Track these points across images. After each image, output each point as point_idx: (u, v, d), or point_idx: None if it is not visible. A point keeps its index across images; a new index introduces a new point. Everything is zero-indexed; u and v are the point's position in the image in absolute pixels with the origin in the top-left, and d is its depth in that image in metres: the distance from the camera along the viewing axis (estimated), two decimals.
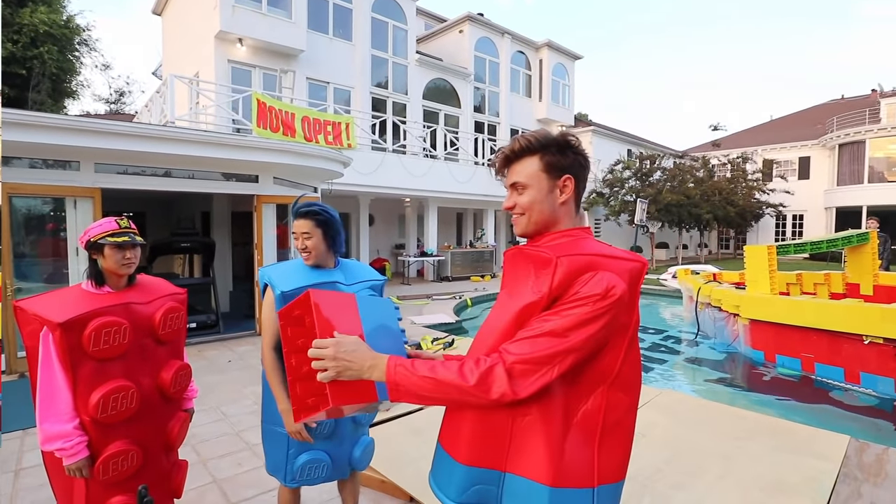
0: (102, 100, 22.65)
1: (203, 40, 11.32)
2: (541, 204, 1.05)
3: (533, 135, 1.06)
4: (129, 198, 12.26)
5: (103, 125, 5.02)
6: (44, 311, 1.50)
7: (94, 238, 1.59)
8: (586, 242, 1.03)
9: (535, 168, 1.04)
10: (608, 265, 0.95)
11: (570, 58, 19.54)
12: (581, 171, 1.06)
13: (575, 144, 1.05)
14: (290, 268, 1.81)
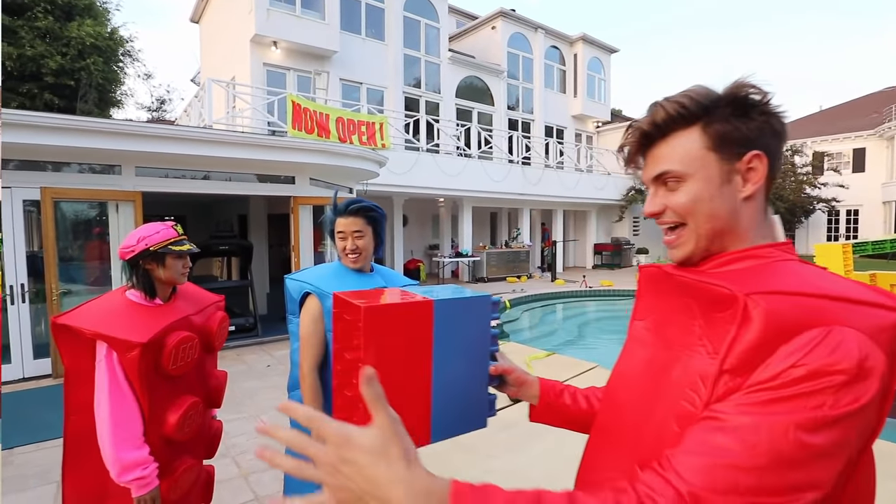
0: (145, 108, 23.39)
1: (239, 45, 11.45)
2: (711, 202, 0.64)
3: (686, 94, 0.65)
4: (169, 202, 12.58)
5: (143, 128, 5.03)
6: (109, 329, 1.36)
7: (155, 247, 1.46)
8: (792, 269, 0.60)
9: (695, 145, 0.65)
10: (845, 315, 0.51)
11: (605, 51, 18.96)
12: (777, 144, 0.65)
13: (763, 99, 0.63)
14: (328, 272, 1.60)
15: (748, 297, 0.54)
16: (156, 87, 28.60)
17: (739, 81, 0.64)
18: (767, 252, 0.64)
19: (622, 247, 17.34)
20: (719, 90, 0.65)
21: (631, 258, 17.78)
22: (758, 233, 0.66)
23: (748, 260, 0.64)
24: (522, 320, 9.08)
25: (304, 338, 1.53)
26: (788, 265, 0.62)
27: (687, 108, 0.65)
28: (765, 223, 0.66)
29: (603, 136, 19.66)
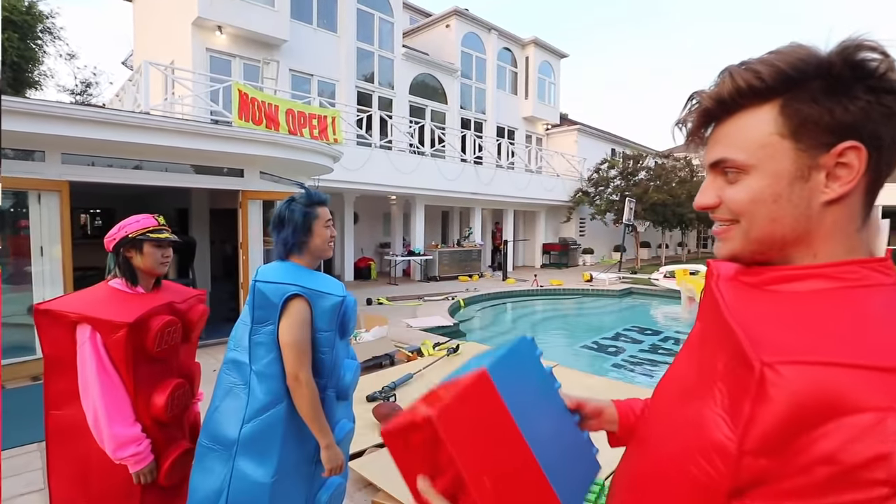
0: (67, 90, 21.48)
1: (179, 27, 10.72)
2: (775, 203, 0.51)
3: (769, 59, 0.51)
4: (97, 194, 11.59)
5: (73, 111, 4.54)
6: (94, 311, 1.42)
7: (133, 234, 1.52)
8: (867, 310, 0.46)
9: (766, 130, 0.51)
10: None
11: (556, 56, 19.44)
12: (889, 131, 0.48)
13: (872, 66, 0.47)
14: (293, 270, 1.48)
15: (767, 367, 0.42)
16: (80, 68, 26.49)
17: (850, 41, 0.48)
18: (850, 272, 0.49)
19: (569, 247, 17.85)
20: (821, 53, 0.49)
21: (577, 258, 18.35)
22: (842, 245, 0.51)
23: (820, 280, 0.50)
24: (476, 319, 9.11)
25: (296, 344, 1.37)
26: (869, 298, 0.47)
27: (763, 79, 0.50)
28: (857, 234, 0.51)
29: (552, 138, 20.16)
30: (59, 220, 4.85)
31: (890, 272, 0.49)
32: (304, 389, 1.37)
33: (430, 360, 4.95)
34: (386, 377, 4.32)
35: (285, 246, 1.49)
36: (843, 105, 0.48)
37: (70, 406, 1.43)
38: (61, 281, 4.88)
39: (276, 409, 1.40)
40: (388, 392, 3.91)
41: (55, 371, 1.47)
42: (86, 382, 1.39)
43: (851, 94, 0.48)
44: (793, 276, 0.51)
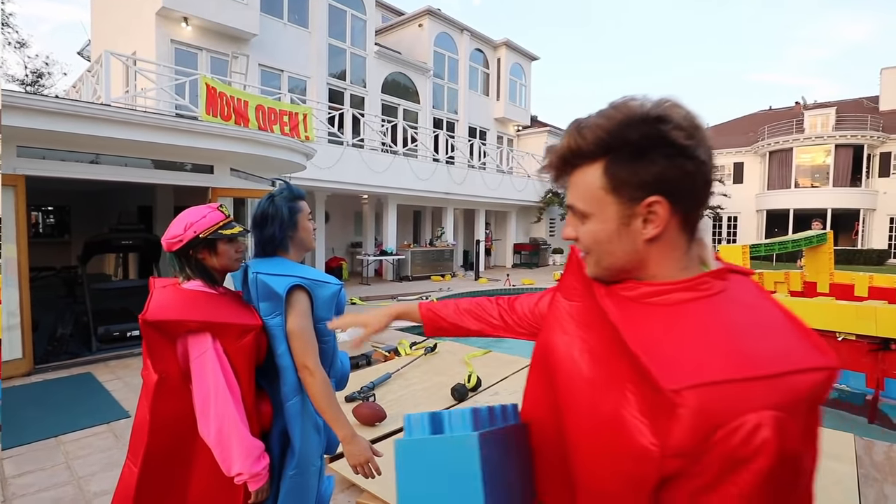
0: (17, 80, 20.34)
1: (141, 17, 10.30)
2: (610, 243, 0.64)
3: (596, 125, 0.61)
4: (50, 190, 11.00)
5: (31, 101, 4.29)
6: (215, 316, 1.28)
7: (205, 233, 1.36)
8: (727, 320, 0.58)
9: (596, 185, 0.63)
10: (767, 395, 0.51)
11: (527, 58, 19.68)
12: (687, 182, 0.60)
13: (672, 136, 0.58)
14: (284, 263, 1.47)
15: (674, 393, 0.53)
16: (31, 57, 25.08)
17: (652, 114, 0.59)
18: (702, 283, 0.61)
19: (540, 247, 18.10)
20: (638, 112, 0.59)
21: (548, 258, 18.63)
22: (673, 266, 0.63)
23: (683, 293, 0.61)
24: None
25: (302, 333, 1.37)
26: (723, 305, 0.59)
27: (585, 149, 0.63)
28: (685, 256, 0.64)
29: (523, 139, 20.40)
30: (15, 216, 4.58)
31: (725, 277, 0.62)
32: (314, 377, 1.37)
33: (408, 359, 4.92)
34: (364, 377, 4.26)
35: (272, 242, 1.47)
36: (645, 168, 0.59)
37: (172, 430, 1.27)
38: (16, 282, 4.60)
39: (294, 400, 1.40)
40: (367, 392, 3.86)
41: (166, 392, 1.26)
42: (207, 396, 1.23)
43: (651, 160, 0.59)
44: (661, 291, 0.62)
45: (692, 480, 0.53)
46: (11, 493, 2.64)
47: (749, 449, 0.49)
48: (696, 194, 0.61)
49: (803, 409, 0.52)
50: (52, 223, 15.14)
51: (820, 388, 0.53)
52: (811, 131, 23.97)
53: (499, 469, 0.64)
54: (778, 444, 0.49)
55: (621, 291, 0.65)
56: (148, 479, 1.26)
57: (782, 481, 0.51)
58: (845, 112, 24.51)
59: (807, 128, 24.52)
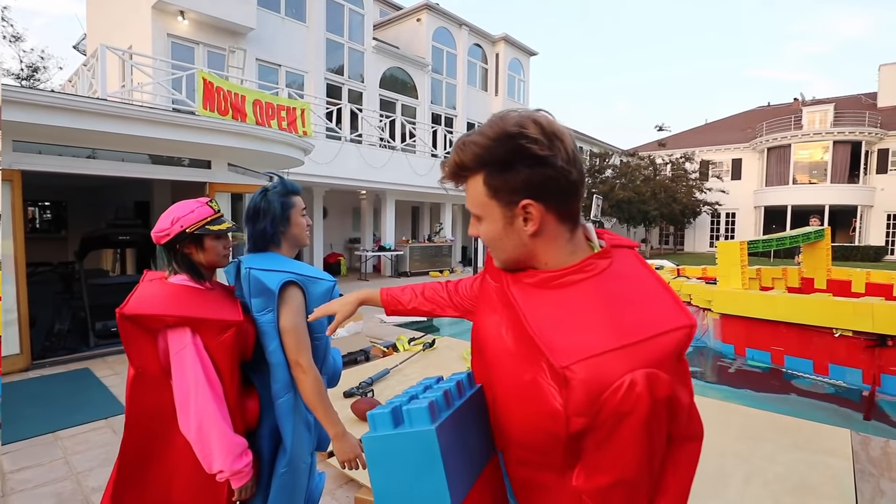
0: (12, 75, 20.19)
1: (138, 11, 10.22)
2: (501, 240, 0.76)
3: (473, 142, 0.71)
4: (46, 185, 10.93)
5: (27, 95, 4.26)
6: (196, 311, 1.26)
7: (192, 228, 1.34)
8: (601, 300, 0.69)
9: (481, 192, 0.73)
10: (639, 356, 0.63)
11: (525, 53, 19.61)
12: (552, 185, 0.70)
13: (530, 150, 0.68)
14: (276, 259, 1.46)
15: (565, 368, 0.65)
16: (27, 51, 24.91)
17: (511, 131, 0.69)
18: (589, 265, 0.73)
19: None
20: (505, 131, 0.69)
21: None
22: (563, 252, 0.74)
23: (575, 275, 0.72)
24: None
25: (295, 330, 1.36)
26: (608, 282, 0.71)
27: (466, 164, 0.73)
28: (569, 244, 0.74)
29: None
30: (11, 211, 4.55)
31: (606, 255, 0.74)
32: (306, 375, 1.36)
33: (407, 355, 4.92)
34: (363, 373, 4.27)
35: (264, 237, 1.46)
36: (514, 177, 0.69)
37: (149, 426, 1.25)
38: (13, 278, 4.58)
39: (286, 397, 1.39)
40: (365, 388, 3.86)
41: (144, 386, 1.24)
42: (187, 392, 1.21)
43: (517, 169, 0.69)
44: (555, 276, 0.73)
45: (595, 433, 0.65)
46: (10, 489, 2.63)
47: (629, 403, 0.61)
48: (563, 193, 0.71)
49: (670, 362, 0.64)
50: (48, 218, 15.07)
51: (682, 343, 0.66)
52: (809, 127, 24.00)
53: (458, 446, 0.71)
54: (650, 394, 0.61)
55: (524, 279, 0.76)
56: (125, 474, 1.24)
57: (661, 419, 0.64)
58: (843, 108, 24.54)
59: (805, 124, 24.54)
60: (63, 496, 2.57)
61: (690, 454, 0.73)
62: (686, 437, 0.72)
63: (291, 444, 1.40)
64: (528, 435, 0.72)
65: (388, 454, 0.70)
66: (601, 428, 0.64)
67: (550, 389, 0.67)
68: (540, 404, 0.68)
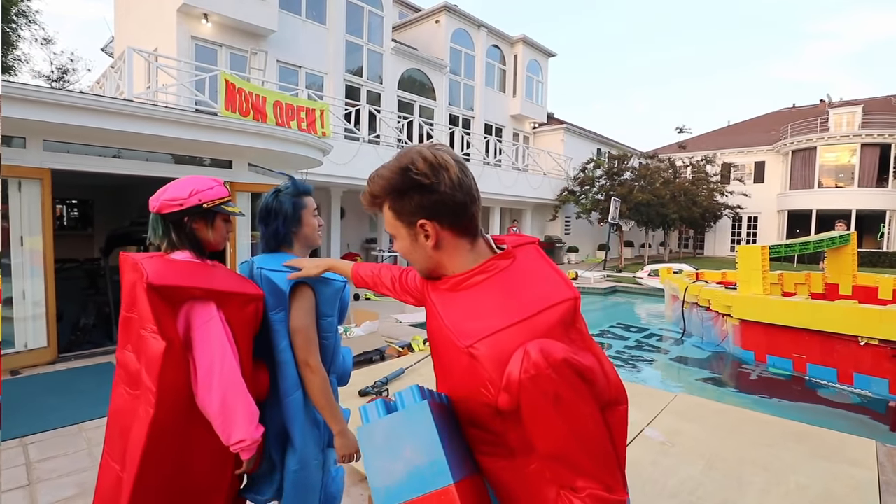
0: (43, 76, 20.81)
1: (163, 14, 10.46)
2: (412, 254, 0.89)
3: (378, 177, 0.85)
4: (74, 184, 11.24)
5: (57, 96, 4.39)
6: (219, 284, 1.26)
7: (210, 203, 1.30)
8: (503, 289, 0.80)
9: (390, 216, 0.87)
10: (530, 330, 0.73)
11: (544, 55, 19.52)
12: (441, 205, 0.82)
13: (416, 180, 0.81)
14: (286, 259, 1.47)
15: (469, 347, 0.75)
16: (57, 54, 25.63)
17: (399, 166, 0.82)
18: (491, 265, 0.83)
19: (555, 245, 18.00)
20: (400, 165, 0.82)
21: (563, 256, 18.51)
22: (465, 260, 0.85)
23: (479, 276, 0.83)
24: None
25: (304, 330, 1.38)
26: (508, 277, 0.82)
27: (375, 194, 0.86)
28: (470, 252, 0.85)
29: (539, 136, 20.26)
30: (41, 209, 4.70)
31: (508, 255, 0.85)
32: (315, 375, 1.38)
33: (422, 354, 4.94)
34: (378, 372, 4.30)
35: (276, 237, 1.48)
36: (408, 202, 0.82)
37: (176, 405, 1.21)
38: (42, 273, 4.73)
39: (294, 395, 1.41)
40: (380, 387, 3.89)
41: (172, 360, 1.18)
42: (211, 363, 1.19)
43: (410, 196, 0.82)
44: (463, 279, 0.84)
45: (522, 412, 0.71)
46: (36, 478, 2.72)
47: (529, 371, 0.69)
48: (453, 212, 0.82)
49: (560, 330, 0.74)
50: (75, 216, 15.50)
51: (568, 312, 0.77)
52: (836, 130, 23.39)
53: (447, 430, 0.76)
54: (544, 359, 0.68)
55: (440, 286, 0.88)
56: (152, 452, 1.18)
57: (572, 386, 0.69)
58: (872, 110, 23.85)
59: (832, 126, 23.92)
60: (86, 486, 2.64)
61: (618, 418, 0.80)
62: (609, 402, 0.78)
63: (301, 442, 1.42)
64: (471, 407, 0.79)
65: (383, 440, 0.73)
66: (523, 406, 0.70)
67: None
68: (474, 377, 0.76)
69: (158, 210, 1.29)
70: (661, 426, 3.35)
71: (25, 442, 3.13)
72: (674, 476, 2.70)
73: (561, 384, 0.69)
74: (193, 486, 1.27)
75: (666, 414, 3.57)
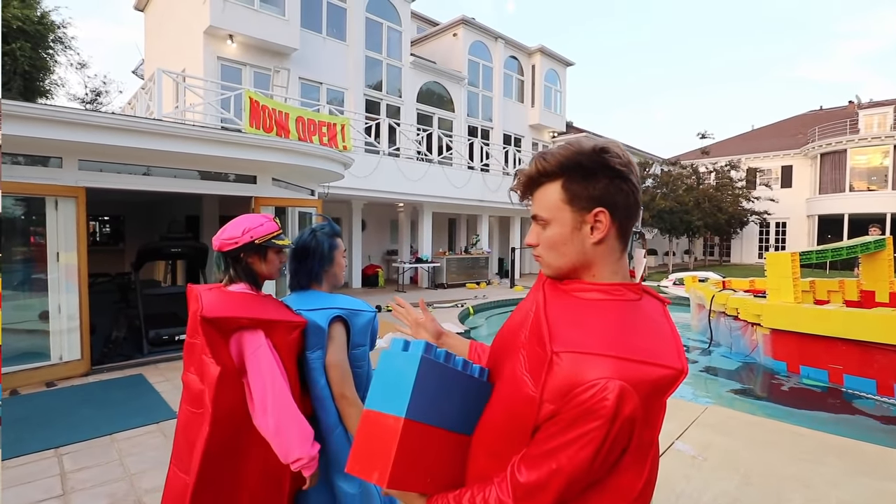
0: (78, 99, 21.67)
1: (190, 36, 10.84)
2: (564, 245, 0.81)
3: (556, 153, 0.80)
4: (104, 201, 11.65)
5: (91, 117, 4.58)
6: (264, 313, 1.38)
7: (261, 239, 1.44)
8: (615, 319, 0.75)
9: (556, 198, 0.80)
10: (618, 369, 0.67)
11: (562, 64, 19.51)
12: (622, 198, 0.78)
13: (612, 163, 0.77)
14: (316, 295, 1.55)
15: (555, 353, 0.70)
16: (90, 77, 26.71)
17: (597, 146, 0.77)
18: (615, 289, 0.79)
19: None
20: (585, 147, 0.77)
21: None
22: (608, 268, 0.81)
23: (598, 293, 0.79)
24: (485, 326, 9.07)
25: (340, 364, 1.46)
26: (625, 310, 0.77)
27: (551, 167, 0.79)
28: (618, 262, 0.81)
29: None
30: (76, 226, 4.88)
31: (637, 291, 0.81)
32: (352, 408, 1.43)
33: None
34: None
35: (309, 275, 1.55)
36: (593, 185, 0.77)
37: (230, 422, 1.32)
38: (76, 288, 4.90)
39: (339, 429, 1.47)
40: None
41: (226, 386, 1.30)
42: (264, 388, 1.30)
43: (597, 179, 0.77)
44: (584, 289, 0.80)
45: (554, 422, 0.69)
46: (70, 487, 2.79)
47: (593, 402, 0.65)
48: (630, 209, 0.79)
49: (647, 391, 0.68)
50: (107, 232, 16.04)
51: (667, 381, 0.70)
52: (867, 131, 22.69)
53: (433, 389, 0.77)
54: (615, 404, 0.64)
55: (561, 286, 0.84)
56: (209, 470, 1.30)
57: (616, 437, 0.66)
58: None
59: (862, 128, 23.23)
60: (117, 496, 2.69)
61: None
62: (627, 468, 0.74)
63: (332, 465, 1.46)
64: (505, 420, 0.78)
65: (388, 364, 0.79)
66: (561, 419, 0.68)
67: (524, 378, 0.74)
68: (517, 390, 0.75)
69: (219, 248, 1.44)
70: (692, 439, 3.26)
71: (60, 452, 3.22)
72: (708, 491, 2.62)
73: (612, 431, 0.65)
74: (251, 498, 1.36)
75: (696, 426, 3.48)
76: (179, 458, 1.41)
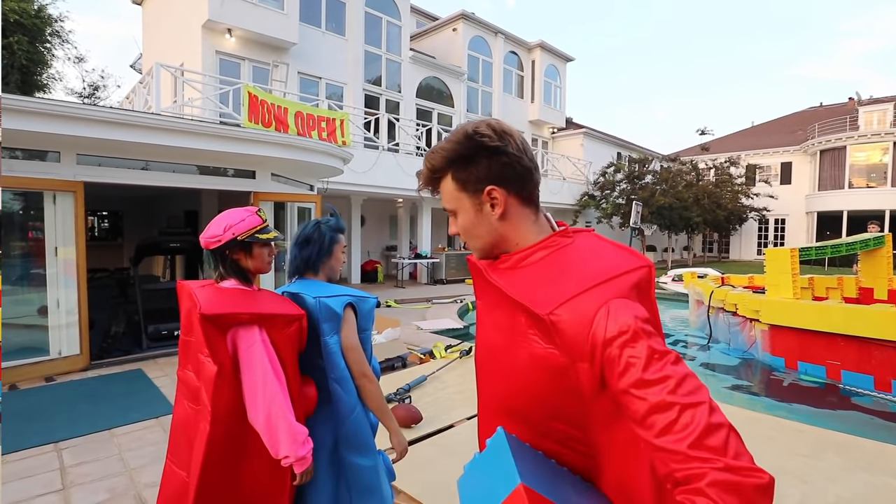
0: (75, 93, 21.59)
1: (189, 30, 10.78)
2: (475, 228, 0.85)
3: (439, 150, 0.84)
4: (103, 196, 11.62)
5: (89, 111, 4.55)
6: (261, 308, 1.38)
7: (243, 235, 1.43)
8: (575, 258, 0.79)
9: (451, 189, 0.85)
10: (610, 290, 0.71)
11: (561, 59, 19.45)
12: (508, 171, 0.81)
13: (485, 143, 0.80)
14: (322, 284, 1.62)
15: (549, 314, 0.71)
16: (88, 71, 26.62)
17: (468, 131, 0.81)
18: (553, 241, 0.82)
19: None
20: (461, 135, 0.81)
21: None
22: (530, 232, 0.84)
23: (539, 251, 0.81)
24: None
25: (357, 346, 1.55)
26: (571, 252, 0.80)
27: (437, 167, 0.84)
28: (535, 225, 0.84)
29: (558, 141, 20.15)
30: (74, 220, 4.86)
31: (568, 234, 0.83)
32: (372, 384, 1.53)
33: (444, 362, 4.93)
34: (400, 379, 4.30)
35: (307, 263, 1.61)
36: (476, 167, 0.81)
37: (230, 421, 1.33)
38: (75, 283, 4.89)
39: (358, 408, 1.56)
40: (402, 394, 3.89)
41: (223, 382, 1.31)
42: (255, 384, 1.31)
43: (477, 161, 0.81)
44: (525, 255, 0.82)
45: (610, 378, 0.67)
46: (70, 482, 2.79)
47: (615, 326, 0.67)
48: (520, 177, 0.82)
49: (635, 294, 0.73)
50: (106, 227, 16.00)
51: (643, 277, 0.76)
52: (867, 128, 22.67)
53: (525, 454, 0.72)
54: (627, 312, 0.67)
55: (500, 266, 0.84)
56: (212, 467, 1.31)
57: (652, 336, 0.67)
58: None
59: (862, 125, 23.20)
60: (116, 491, 2.70)
61: None
62: None
63: (372, 442, 1.60)
64: (549, 399, 0.75)
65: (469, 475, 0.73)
66: (611, 367, 0.66)
67: (545, 349, 0.73)
68: (544, 366, 0.73)
69: (205, 247, 1.44)
70: None
71: (60, 447, 3.22)
72: None
73: (650, 337, 0.66)
74: (254, 491, 1.38)
75: None
76: (176, 454, 1.41)
